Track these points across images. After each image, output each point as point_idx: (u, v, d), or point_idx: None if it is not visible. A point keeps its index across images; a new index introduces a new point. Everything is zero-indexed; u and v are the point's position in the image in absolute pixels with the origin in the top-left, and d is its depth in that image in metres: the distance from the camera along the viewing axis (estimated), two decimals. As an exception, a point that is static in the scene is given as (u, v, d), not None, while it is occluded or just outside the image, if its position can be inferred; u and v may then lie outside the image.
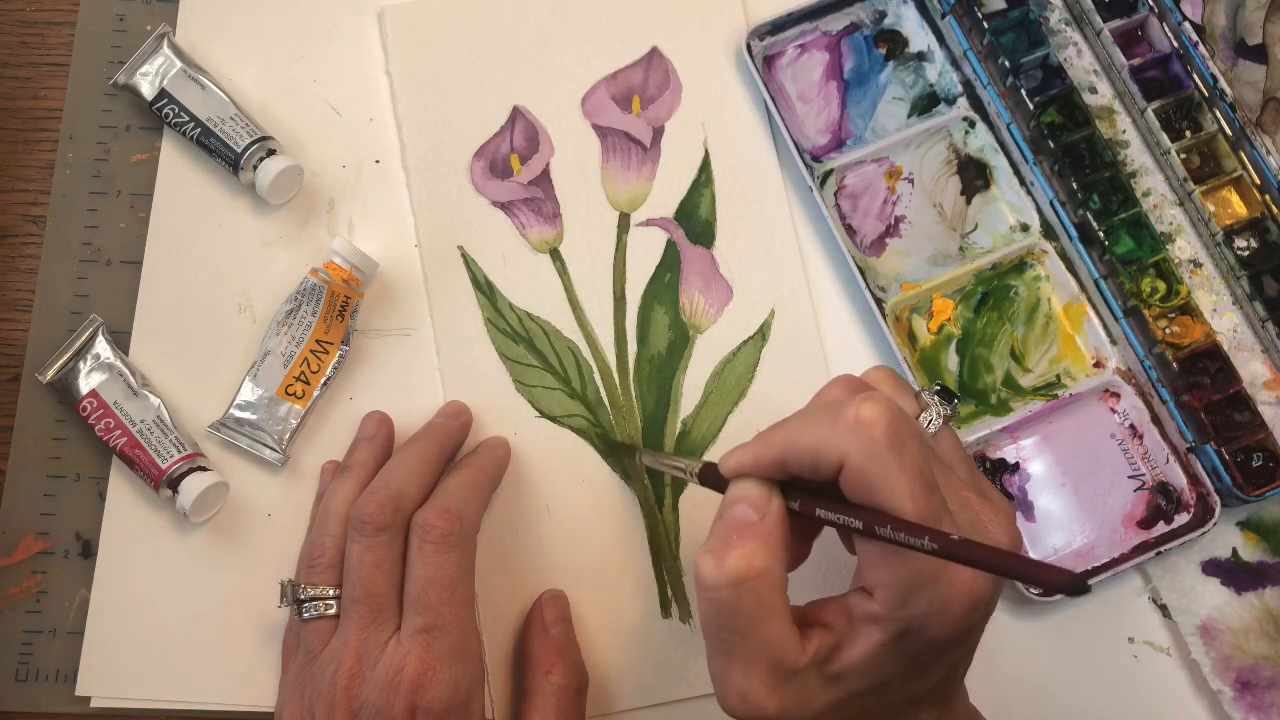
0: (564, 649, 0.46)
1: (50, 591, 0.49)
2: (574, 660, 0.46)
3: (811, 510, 0.35)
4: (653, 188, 0.53)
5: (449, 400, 0.50)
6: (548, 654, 0.46)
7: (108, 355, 0.49)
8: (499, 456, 0.48)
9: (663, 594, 0.49)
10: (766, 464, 0.36)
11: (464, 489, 0.45)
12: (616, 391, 0.51)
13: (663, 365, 0.51)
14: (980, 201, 0.53)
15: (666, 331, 0.51)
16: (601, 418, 0.50)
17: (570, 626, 0.47)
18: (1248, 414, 0.49)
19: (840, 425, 0.34)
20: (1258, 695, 0.47)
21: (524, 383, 0.51)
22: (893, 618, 0.34)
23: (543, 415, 0.50)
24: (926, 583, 0.34)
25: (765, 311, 0.51)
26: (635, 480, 0.50)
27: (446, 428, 0.48)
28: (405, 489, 0.44)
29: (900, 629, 0.34)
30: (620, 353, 0.51)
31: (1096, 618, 0.49)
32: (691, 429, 0.50)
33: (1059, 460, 0.50)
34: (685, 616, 0.48)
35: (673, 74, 0.54)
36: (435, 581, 0.42)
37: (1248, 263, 0.51)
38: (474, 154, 0.53)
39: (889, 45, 0.54)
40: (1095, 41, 0.54)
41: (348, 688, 0.41)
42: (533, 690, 0.45)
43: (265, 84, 0.53)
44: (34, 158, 0.53)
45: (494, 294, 0.52)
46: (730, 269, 0.52)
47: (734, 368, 0.51)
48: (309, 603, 0.44)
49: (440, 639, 0.41)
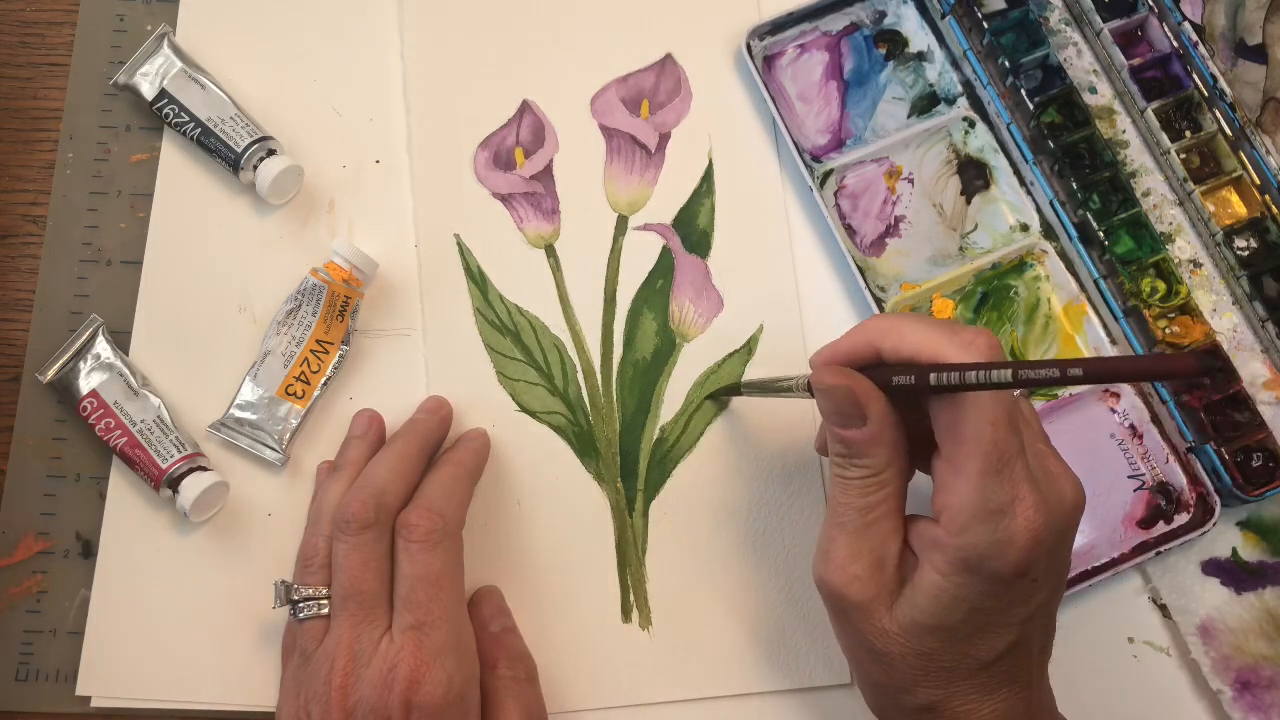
0: (505, 642, 0.46)
1: (50, 591, 0.49)
2: (517, 651, 0.46)
3: (925, 381, 0.36)
4: (653, 193, 0.53)
5: (431, 392, 0.50)
6: (490, 650, 0.46)
7: (108, 355, 0.49)
8: (479, 450, 0.49)
9: (624, 599, 0.49)
10: (860, 346, 0.38)
11: (445, 485, 0.46)
12: (598, 392, 0.51)
13: (647, 370, 0.51)
14: (980, 201, 0.53)
15: (654, 337, 0.51)
16: (580, 417, 0.50)
17: (509, 618, 0.47)
18: (1247, 414, 0.49)
19: (955, 337, 0.36)
20: (1257, 695, 0.47)
21: (507, 375, 0.51)
22: (954, 544, 0.36)
23: (523, 410, 0.50)
24: (993, 513, 0.35)
25: (754, 326, 0.51)
26: (608, 483, 0.50)
27: (428, 423, 0.48)
28: (388, 486, 0.44)
29: (960, 558, 0.36)
30: (605, 354, 0.51)
31: (1096, 618, 0.49)
32: (669, 436, 0.50)
33: (1059, 460, 0.50)
34: (644, 623, 0.48)
35: (684, 82, 0.54)
36: (422, 579, 0.42)
37: (1247, 263, 0.51)
38: (479, 144, 0.53)
39: (889, 45, 0.54)
40: (1095, 41, 0.54)
41: (342, 686, 0.41)
42: (486, 689, 0.45)
43: (265, 84, 0.53)
44: (34, 158, 0.53)
45: (486, 284, 0.52)
46: (723, 280, 0.52)
47: (718, 379, 0.51)
48: (303, 603, 0.44)
49: (432, 635, 0.42)
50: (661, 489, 0.50)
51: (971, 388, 0.34)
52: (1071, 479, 0.38)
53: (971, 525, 0.35)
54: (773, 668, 0.48)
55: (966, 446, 0.35)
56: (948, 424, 0.36)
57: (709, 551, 0.49)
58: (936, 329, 0.37)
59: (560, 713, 0.47)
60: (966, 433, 0.35)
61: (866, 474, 0.38)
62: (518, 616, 0.48)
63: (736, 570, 0.49)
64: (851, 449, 0.38)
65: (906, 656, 0.38)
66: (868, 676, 0.40)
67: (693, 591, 0.49)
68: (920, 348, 0.36)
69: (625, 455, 0.50)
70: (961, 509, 0.35)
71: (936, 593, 0.36)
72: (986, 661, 0.37)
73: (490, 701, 0.44)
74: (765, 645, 0.48)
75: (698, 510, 0.49)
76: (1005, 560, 0.35)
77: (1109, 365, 0.32)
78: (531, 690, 0.45)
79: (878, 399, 0.37)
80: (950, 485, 0.36)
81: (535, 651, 0.47)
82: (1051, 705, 0.41)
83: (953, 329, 0.36)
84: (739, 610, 0.48)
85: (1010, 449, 0.35)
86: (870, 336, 0.38)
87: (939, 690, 0.38)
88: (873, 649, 0.38)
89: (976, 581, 0.36)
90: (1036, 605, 0.38)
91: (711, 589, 0.49)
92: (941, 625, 0.37)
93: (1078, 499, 0.38)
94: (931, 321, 0.37)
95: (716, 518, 0.49)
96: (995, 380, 0.33)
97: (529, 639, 0.47)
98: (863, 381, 0.38)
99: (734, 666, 0.48)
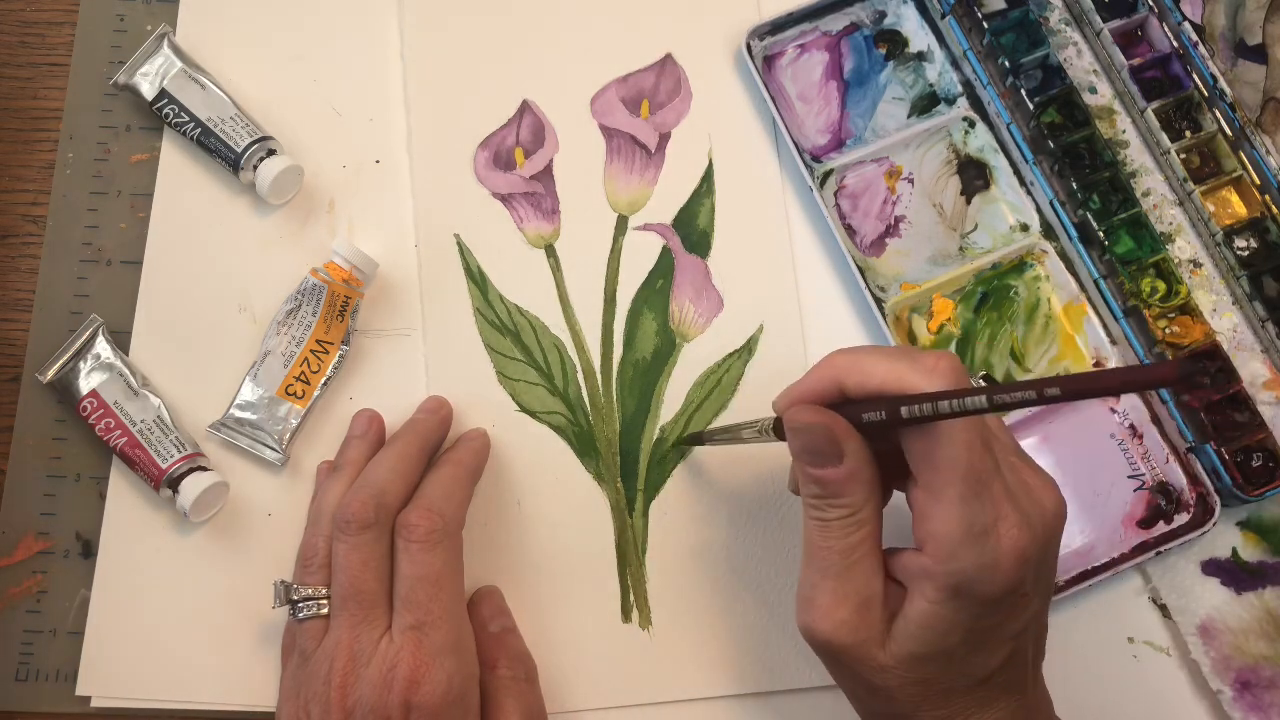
0: (505, 642, 0.46)
1: (50, 591, 0.49)
2: (517, 651, 0.46)
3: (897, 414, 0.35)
4: (654, 193, 0.53)
5: (431, 392, 0.50)
6: (490, 650, 0.46)
7: (108, 355, 0.49)
8: (479, 450, 0.49)
9: (624, 599, 0.49)
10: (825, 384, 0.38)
11: (445, 485, 0.46)
12: (598, 392, 0.51)
13: (647, 370, 0.51)
14: (980, 201, 0.53)
15: (654, 337, 0.51)
16: (580, 417, 0.50)
17: (508, 618, 0.47)
18: (1247, 414, 0.49)
19: (918, 365, 0.35)
20: (1257, 695, 0.47)
21: (507, 375, 0.51)
22: (942, 572, 0.35)
23: (522, 410, 0.50)
24: (975, 536, 0.35)
25: (754, 326, 0.51)
26: (608, 483, 0.50)
27: (427, 423, 0.48)
28: (388, 486, 0.44)
29: (951, 584, 0.35)
30: (605, 354, 0.51)
31: (1096, 618, 0.49)
32: (669, 436, 0.50)
33: (1059, 460, 0.50)
34: (645, 623, 0.48)
35: (684, 82, 0.54)
36: (422, 579, 0.42)
37: (1247, 263, 0.51)
38: (479, 144, 0.53)
39: (889, 45, 0.54)
40: (1095, 41, 0.54)
41: (342, 686, 0.41)
42: (485, 689, 0.45)
43: (265, 84, 0.53)
44: (34, 158, 0.53)
45: (486, 284, 0.52)
46: (723, 280, 0.52)
47: (717, 379, 0.51)
48: (302, 603, 0.44)
49: (431, 635, 0.42)
50: (661, 489, 0.50)
51: (945, 416, 0.34)
52: (1049, 488, 0.38)
53: (958, 551, 0.35)
54: (775, 667, 0.48)
55: (943, 473, 0.35)
56: (921, 452, 0.35)
57: (709, 551, 0.49)
58: (898, 359, 0.36)
59: (560, 713, 0.47)
60: (941, 459, 0.35)
61: (845, 514, 0.37)
62: (518, 616, 0.48)
63: (738, 570, 0.49)
64: (828, 489, 0.37)
65: (905, 686, 0.37)
66: (869, 709, 0.40)
67: (693, 591, 0.49)
68: (885, 380, 0.36)
69: (625, 455, 0.50)
70: (947, 536, 0.35)
71: (931, 621, 0.36)
72: (984, 677, 0.37)
73: (490, 701, 0.44)
74: (767, 645, 0.48)
75: (698, 510, 0.49)
76: (994, 582, 0.35)
77: (1086, 381, 0.31)
78: (531, 690, 0.45)
79: (853, 436, 0.37)
80: (931, 513, 0.36)
81: (535, 651, 0.47)
82: (1048, 707, 0.41)
83: (914, 357, 0.36)
84: (740, 610, 0.48)
85: (986, 469, 0.35)
86: (833, 373, 0.37)
87: (940, 710, 0.38)
88: (871, 686, 0.38)
89: (969, 605, 0.36)
90: (1029, 618, 0.38)
91: (712, 589, 0.49)
92: (938, 652, 0.36)
93: (1058, 508, 0.38)
94: (891, 351, 0.37)
95: (717, 517, 0.49)
96: (970, 407, 0.32)
97: (529, 639, 0.47)
98: (838, 419, 0.37)
99: (735, 666, 0.48)
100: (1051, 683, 0.41)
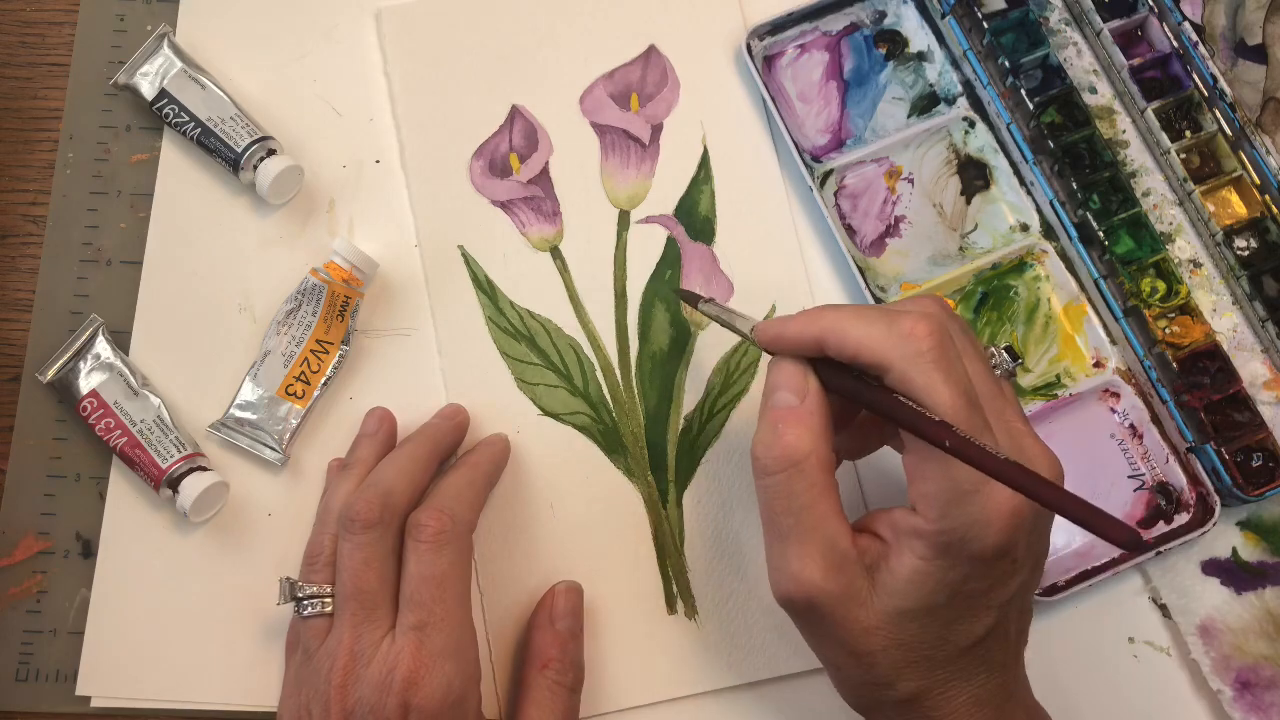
0: (565, 644, 0.46)
1: (50, 591, 0.49)
2: (573, 657, 0.46)
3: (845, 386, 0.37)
4: (652, 185, 0.53)
5: (450, 401, 0.50)
6: (548, 647, 0.46)
7: (108, 355, 0.49)
8: (495, 454, 0.48)
9: (668, 590, 0.49)
10: (807, 340, 0.38)
11: (457, 487, 0.45)
12: (619, 388, 0.51)
13: (664, 362, 0.51)
14: (980, 201, 0.53)
15: (668, 328, 0.51)
16: (604, 415, 0.50)
17: (577, 621, 0.47)
18: (1248, 414, 0.49)
19: (893, 330, 0.36)
20: (1257, 695, 0.47)
21: (526, 381, 0.51)
22: (933, 530, 0.36)
23: (545, 413, 0.50)
24: (967, 494, 0.35)
25: (766, 307, 0.51)
26: (639, 478, 0.50)
27: (440, 427, 0.48)
28: (395, 486, 0.44)
29: (942, 542, 0.36)
30: (622, 350, 0.51)
31: (1096, 618, 0.49)
32: (694, 425, 0.50)
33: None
34: (690, 613, 0.48)
35: (670, 71, 0.54)
36: (427, 579, 0.42)
37: (1248, 263, 0.51)
38: (473, 154, 0.53)
39: (889, 45, 0.55)
40: (1095, 41, 0.54)
41: (342, 685, 0.41)
42: (528, 683, 0.45)
43: (265, 84, 0.53)
44: (34, 158, 0.53)
45: (495, 293, 0.52)
46: (730, 265, 0.52)
47: (736, 364, 0.51)
48: (306, 600, 0.44)
49: (433, 636, 0.41)
50: (693, 478, 0.50)
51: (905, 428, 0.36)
52: (1048, 456, 0.38)
53: (948, 510, 0.36)
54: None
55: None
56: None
57: (747, 535, 0.49)
58: (875, 324, 0.37)
59: (614, 712, 0.47)
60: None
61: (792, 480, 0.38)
62: None
63: None
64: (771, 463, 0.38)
65: (888, 649, 0.37)
66: (847, 678, 0.40)
67: (735, 576, 0.49)
68: (860, 349, 0.37)
69: (653, 448, 0.50)
70: (936, 495, 0.36)
71: (918, 578, 0.36)
72: (965, 646, 0.38)
73: (527, 699, 0.44)
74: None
75: (731, 495, 0.49)
76: (985, 540, 0.36)
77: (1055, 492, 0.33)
78: (572, 701, 0.45)
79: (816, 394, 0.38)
80: (921, 473, 0.36)
81: (585, 653, 0.47)
82: (1027, 690, 0.41)
83: (891, 321, 0.36)
84: None
85: (974, 427, 0.35)
86: (816, 330, 0.38)
87: (920, 680, 0.38)
88: (853, 650, 0.38)
89: (958, 563, 0.36)
90: (1015, 587, 0.38)
91: (754, 572, 0.48)
92: (924, 608, 0.37)
93: (1054, 474, 0.38)
94: (872, 315, 0.37)
95: (750, 500, 0.49)
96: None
97: None
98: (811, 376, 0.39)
99: (784, 647, 0.48)
100: (1052, 682, 0.41)
